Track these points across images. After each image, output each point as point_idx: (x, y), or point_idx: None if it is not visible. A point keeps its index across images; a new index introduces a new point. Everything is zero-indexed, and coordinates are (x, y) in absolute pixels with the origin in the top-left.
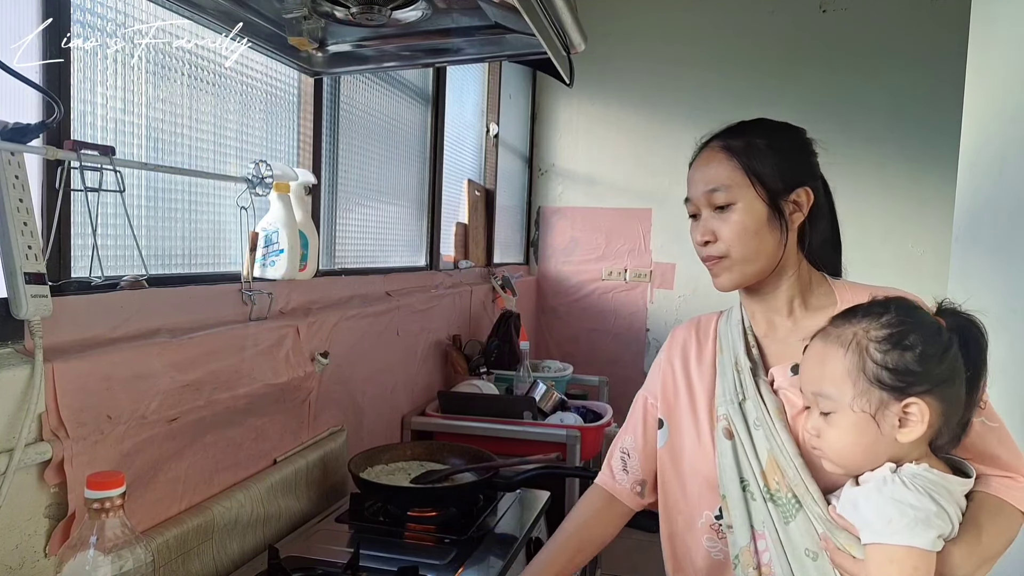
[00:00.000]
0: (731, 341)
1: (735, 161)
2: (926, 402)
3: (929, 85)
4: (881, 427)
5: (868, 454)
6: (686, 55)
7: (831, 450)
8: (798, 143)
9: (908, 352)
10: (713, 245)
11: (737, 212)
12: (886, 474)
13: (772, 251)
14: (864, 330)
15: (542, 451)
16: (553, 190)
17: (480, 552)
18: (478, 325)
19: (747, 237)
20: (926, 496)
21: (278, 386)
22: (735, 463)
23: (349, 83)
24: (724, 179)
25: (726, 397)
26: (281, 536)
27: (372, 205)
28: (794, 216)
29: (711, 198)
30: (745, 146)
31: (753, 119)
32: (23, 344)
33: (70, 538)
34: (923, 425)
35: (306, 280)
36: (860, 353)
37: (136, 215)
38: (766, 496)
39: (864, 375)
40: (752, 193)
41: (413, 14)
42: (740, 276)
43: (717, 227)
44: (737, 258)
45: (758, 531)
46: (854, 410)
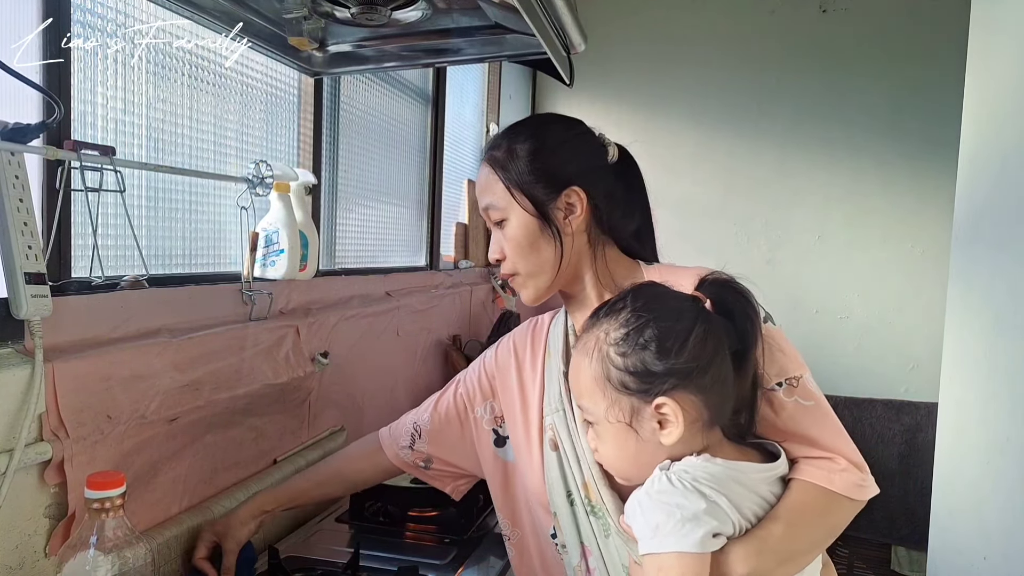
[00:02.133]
0: (556, 346)
1: (497, 175)
2: (676, 399)
3: (929, 84)
4: (640, 433)
5: (639, 463)
6: (686, 55)
7: (607, 462)
8: (564, 139)
9: (646, 351)
10: (503, 263)
11: (510, 227)
12: (656, 473)
13: (554, 260)
14: (605, 333)
15: None
16: None
17: (480, 552)
18: (478, 325)
19: (524, 252)
20: (693, 492)
21: (278, 386)
22: (561, 476)
23: (349, 83)
24: (491, 195)
25: (551, 406)
26: (281, 536)
27: (372, 205)
28: (569, 219)
29: (488, 215)
30: (506, 156)
31: (524, 119)
32: (23, 344)
33: (70, 538)
34: (680, 423)
35: (306, 280)
36: (602, 360)
37: (136, 215)
38: (588, 509)
39: (610, 383)
40: (516, 205)
41: (413, 14)
42: (535, 290)
43: (502, 244)
44: (525, 273)
45: (586, 546)
46: (610, 421)
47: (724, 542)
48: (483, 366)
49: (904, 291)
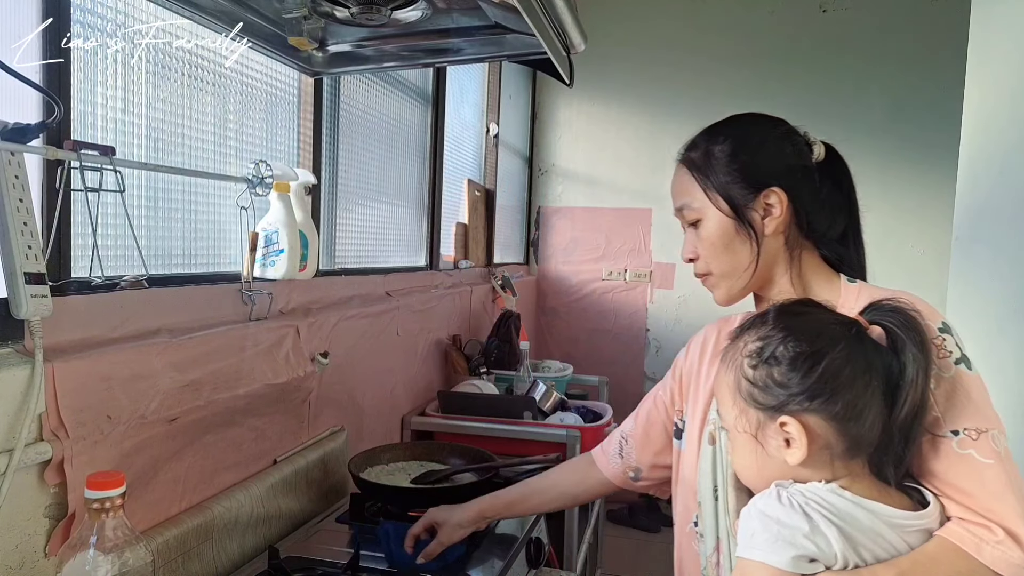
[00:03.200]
0: None
1: (693, 176)
2: (803, 421)
3: (929, 85)
4: (766, 448)
5: (763, 477)
6: (686, 55)
7: (737, 471)
8: (766, 139)
9: (776, 366)
10: (696, 263)
11: (704, 228)
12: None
13: (749, 262)
14: (744, 343)
15: (542, 451)
16: (553, 190)
17: (480, 552)
18: (478, 325)
19: (719, 253)
20: (799, 514)
21: (278, 386)
22: (712, 470)
23: (349, 83)
24: (686, 196)
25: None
26: (281, 536)
27: (372, 205)
28: (767, 221)
29: (683, 215)
30: (703, 157)
31: (724, 119)
32: (23, 344)
33: (70, 538)
34: (803, 446)
35: (306, 280)
36: (736, 370)
37: (136, 215)
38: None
39: (740, 394)
40: (714, 207)
41: (413, 14)
42: (728, 291)
43: (696, 244)
44: (718, 274)
45: (720, 540)
46: (739, 431)
47: (821, 569)
48: (676, 363)
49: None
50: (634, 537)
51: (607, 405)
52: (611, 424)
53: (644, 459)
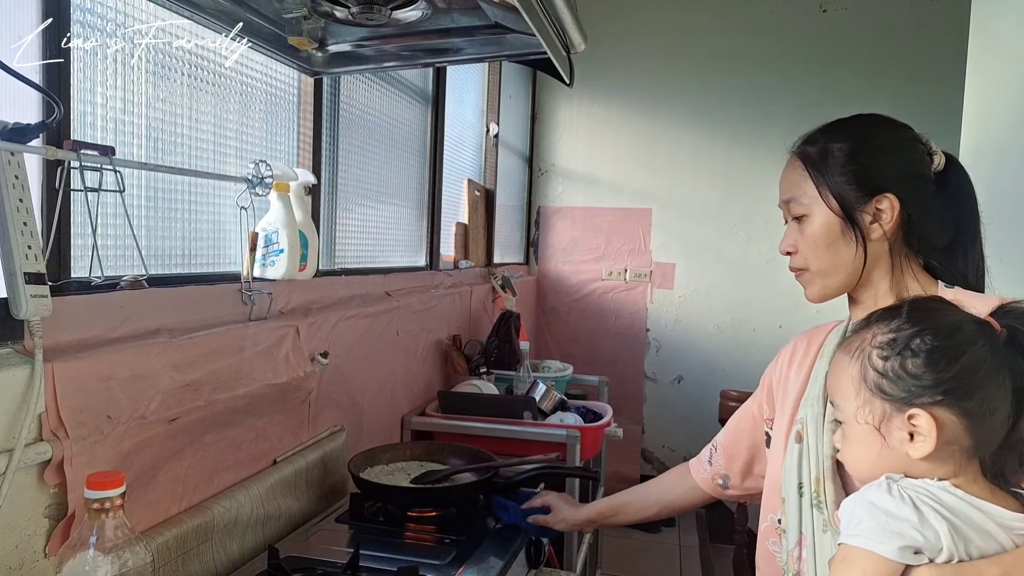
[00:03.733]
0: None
1: (807, 171)
2: (935, 414)
3: (929, 85)
4: (888, 440)
5: (879, 469)
6: (686, 55)
7: (848, 463)
8: (888, 143)
9: (910, 358)
10: (794, 257)
11: (810, 224)
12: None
13: (850, 263)
14: (872, 335)
15: (542, 451)
16: (553, 190)
17: (480, 552)
18: (478, 325)
19: (820, 250)
20: (910, 506)
21: (278, 386)
22: (797, 467)
23: (349, 83)
24: (796, 190)
25: (809, 401)
26: (281, 536)
27: (372, 205)
28: (874, 226)
29: (789, 208)
30: (820, 153)
31: (850, 117)
32: (23, 344)
33: (70, 538)
34: (931, 440)
35: (306, 280)
36: (862, 360)
37: (136, 215)
38: (813, 502)
39: (865, 384)
40: (823, 205)
41: (413, 14)
42: (822, 289)
43: (797, 238)
44: (815, 271)
45: (804, 535)
46: (859, 421)
47: (925, 561)
48: (766, 374)
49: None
50: (634, 537)
51: (607, 405)
52: (611, 424)
53: (732, 467)
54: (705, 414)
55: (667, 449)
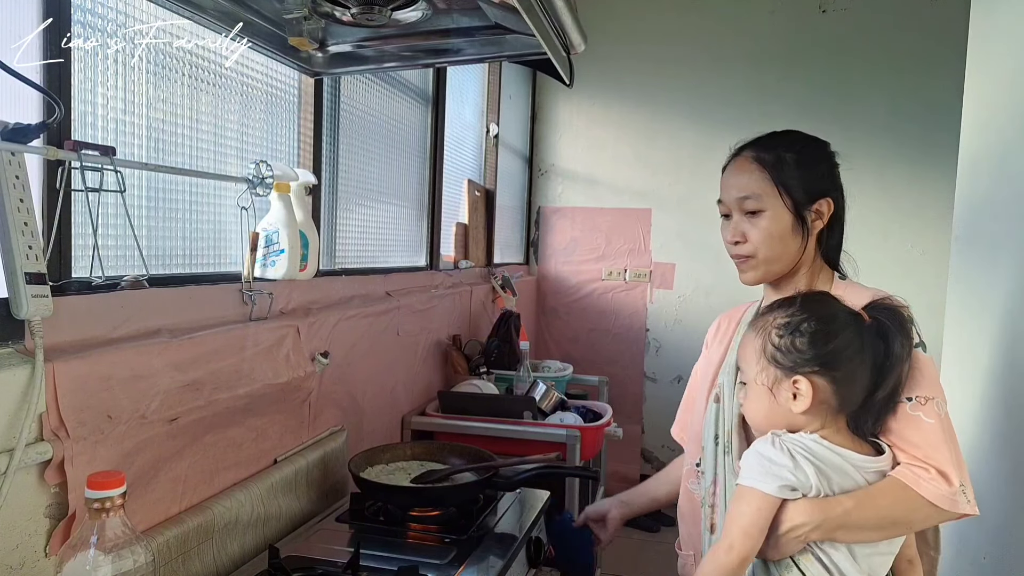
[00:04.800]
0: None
1: (765, 173)
2: (811, 380)
3: (929, 85)
4: (777, 398)
5: (770, 420)
6: (686, 55)
7: (748, 416)
8: (822, 156)
9: (798, 337)
10: (742, 245)
11: (765, 219)
12: (767, 435)
13: (793, 254)
14: (774, 318)
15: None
16: (553, 190)
17: (480, 552)
18: (478, 325)
19: (772, 241)
20: (785, 453)
21: (278, 386)
22: (715, 422)
23: (349, 83)
24: (755, 188)
25: (726, 369)
26: (281, 536)
27: (372, 205)
28: (815, 223)
29: (742, 204)
30: (775, 159)
31: (782, 131)
32: (24, 344)
33: (70, 538)
34: (808, 399)
35: (306, 280)
36: (764, 336)
37: (137, 215)
38: (726, 449)
39: (764, 355)
40: (780, 203)
41: (413, 15)
42: (763, 274)
43: (747, 229)
44: (762, 258)
45: (717, 476)
46: (757, 383)
47: (799, 496)
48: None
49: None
50: (634, 537)
51: (607, 405)
52: (611, 424)
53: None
54: None
55: (667, 449)
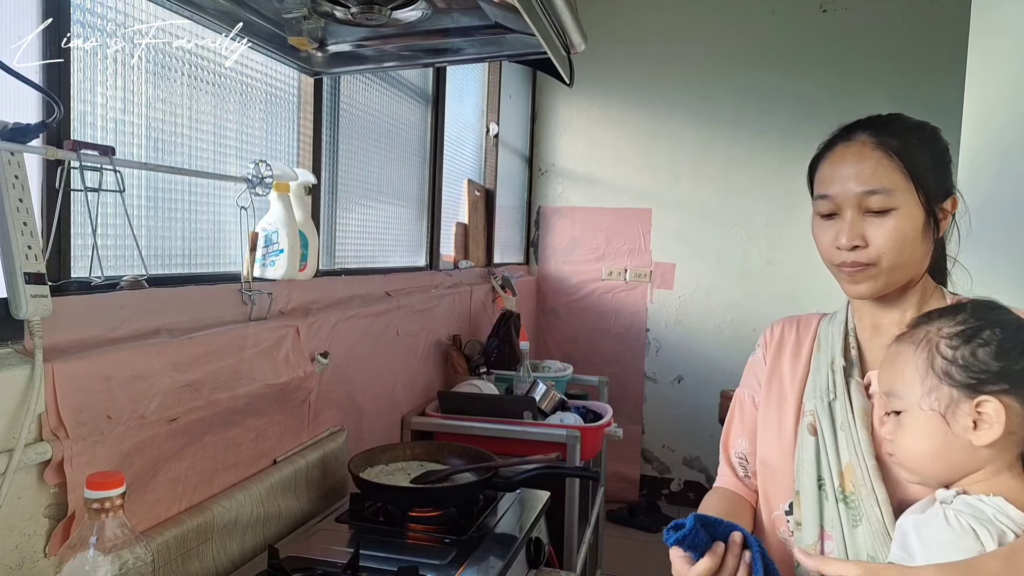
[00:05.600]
0: (830, 340)
1: (896, 162)
2: (1003, 402)
3: (929, 84)
4: (952, 427)
5: (940, 458)
6: (686, 55)
7: (903, 454)
8: (944, 145)
9: (981, 347)
10: (862, 251)
11: (897, 218)
12: (934, 509)
13: (920, 260)
14: (938, 328)
15: (542, 451)
16: (553, 190)
17: (480, 552)
18: (478, 325)
19: (903, 246)
20: (969, 533)
21: (278, 386)
22: (815, 460)
23: (349, 83)
24: (886, 182)
25: (816, 394)
26: (281, 536)
27: (372, 205)
28: (942, 224)
29: (865, 200)
30: (903, 146)
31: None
32: (23, 344)
33: (70, 538)
34: (999, 427)
35: (306, 280)
36: (930, 349)
37: (136, 215)
38: (839, 496)
39: (933, 371)
40: (914, 199)
41: (413, 14)
42: (884, 284)
43: (869, 232)
44: (886, 266)
45: (827, 531)
46: (923, 408)
47: None
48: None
49: None
50: (634, 537)
51: (607, 405)
52: (611, 424)
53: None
54: (705, 414)
55: (667, 449)
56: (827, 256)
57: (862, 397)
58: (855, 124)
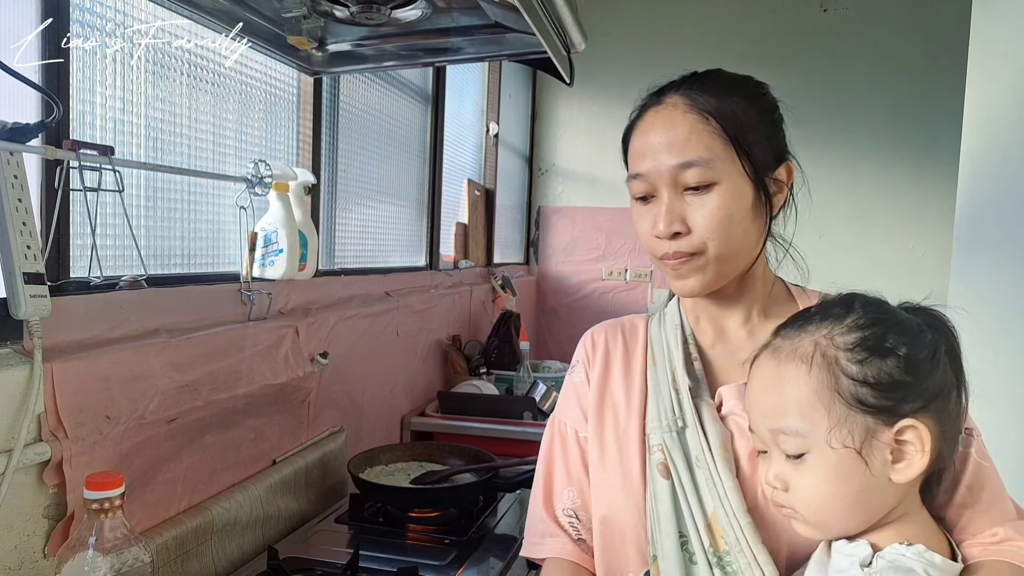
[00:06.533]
0: (666, 350)
1: (713, 125)
2: (924, 423)
3: (930, 84)
4: (870, 465)
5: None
6: (687, 54)
7: (806, 507)
8: (772, 101)
9: (891, 358)
10: (684, 238)
11: (719, 194)
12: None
13: (753, 245)
14: (827, 337)
15: None
16: (553, 190)
17: (480, 553)
18: (478, 325)
19: (731, 227)
20: None
21: (277, 386)
22: (673, 511)
23: (349, 82)
24: (702, 150)
25: (661, 423)
26: (280, 537)
27: (372, 205)
28: (776, 198)
29: (681, 175)
30: (720, 105)
31: (705, 70)
32: (22, 344)
33: (69, 539)
34: (924, 456)
35: (305, 280)
36: (829, 367)
37: (135, 215)
38: (711, 559)
39: (840, 396)
40: (737, 170)
41: (413, 13)
42: (714, 277)
43: (688, 213)
44: (714, 255)
45: None
46: (833, 446)
47: None
48: (574, 387)
49: (905, 291)
50: None
51: None
52: None
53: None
54: None
55: None
56: (648, 248)
57: (717, 424)
58: (667, 84)
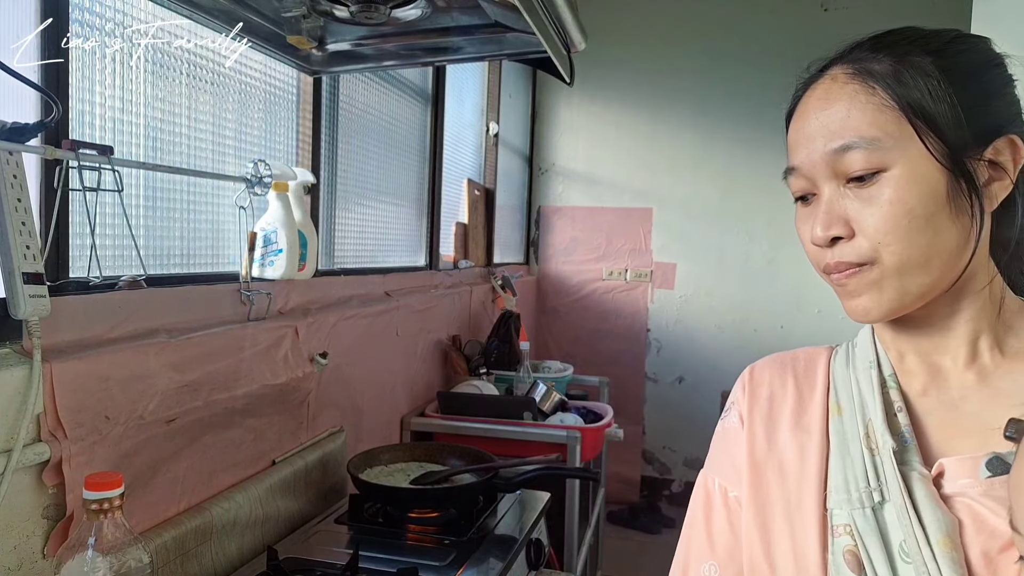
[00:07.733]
0: (855, 395)
1: (881, 95)
2: None
3: None
4: None
5: None
6: (687, 54)
7: None
8: (980, 59)
9: None
10: (847, 244)
11: (893, 185)
12: None
13: (954, 249)
14: None
15: (542, 452)
16: (553, 190)
17: (480, 553)
18: (478, 325)
19: (912, 227)
20: None
21: (277, 387)
22: None
23: (348, 82)
24: (865, 128)
25: (851, 495)
26: (280, 537)
27: (371, 205)
28: (993, 187)
29: (839, 163)
30: (894, 68)
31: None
32: (21, 344)
33: (68, 539)
34: None
35: (305, 280)
36: None
37: (134, 215)
38: None
39: None
40: (917, 149)
41: (413, 13)
42: (897, 296)
43: (854, 212)
44: (892, 265)
45: None
46: None
47: None
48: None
49: None
50: (634, 538)
51: (607, 406)
52: (611, 425)
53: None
54: (706, 415)
55: (668, 450)
56: (812, 260)
57: (937, 506)
58: (837, 53)
